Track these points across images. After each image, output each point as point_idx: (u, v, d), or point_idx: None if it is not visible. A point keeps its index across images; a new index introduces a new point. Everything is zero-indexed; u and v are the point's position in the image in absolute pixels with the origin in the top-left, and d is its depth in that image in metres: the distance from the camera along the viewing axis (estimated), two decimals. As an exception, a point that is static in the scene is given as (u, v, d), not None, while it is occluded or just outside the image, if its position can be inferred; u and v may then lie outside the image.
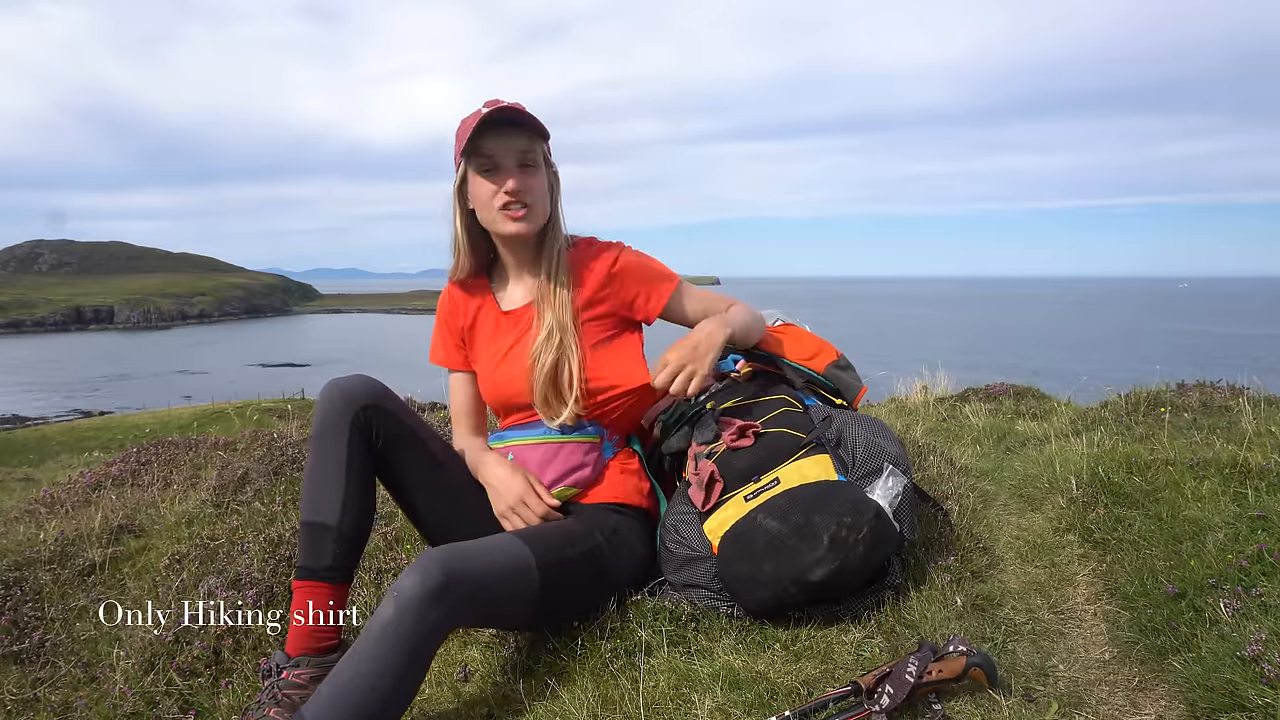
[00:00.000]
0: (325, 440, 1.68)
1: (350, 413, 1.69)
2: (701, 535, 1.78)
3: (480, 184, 1.81)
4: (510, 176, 1.79)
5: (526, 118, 1.77)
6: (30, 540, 2.79)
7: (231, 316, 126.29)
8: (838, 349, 2.19)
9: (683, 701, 1.47)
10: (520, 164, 1.80)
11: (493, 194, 1.80)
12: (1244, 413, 3.01)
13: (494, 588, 1.51)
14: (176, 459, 4.00)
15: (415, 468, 1.79)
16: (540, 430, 1.87)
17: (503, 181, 1.79)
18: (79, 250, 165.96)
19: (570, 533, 1.70)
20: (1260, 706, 1.33)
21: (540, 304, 1.88)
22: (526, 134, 1.79)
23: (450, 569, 1.42)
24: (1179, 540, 1.95)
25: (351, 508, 1.66)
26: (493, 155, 1.79)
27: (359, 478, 1.68)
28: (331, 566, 1.65)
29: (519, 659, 1.75)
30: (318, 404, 1.72)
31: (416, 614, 1.38)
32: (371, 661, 1.35)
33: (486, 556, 1.52)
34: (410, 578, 1.41)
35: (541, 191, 1.84)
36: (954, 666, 1.44)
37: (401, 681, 1.38)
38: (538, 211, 1.84)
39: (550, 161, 1.89)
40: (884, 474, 1.79)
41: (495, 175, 1.80)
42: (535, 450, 1.86)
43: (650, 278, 1.93)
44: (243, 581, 2.11)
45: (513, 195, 1.79)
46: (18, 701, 1.99)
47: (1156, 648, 1.65)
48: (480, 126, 1.75)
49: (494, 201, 1.81)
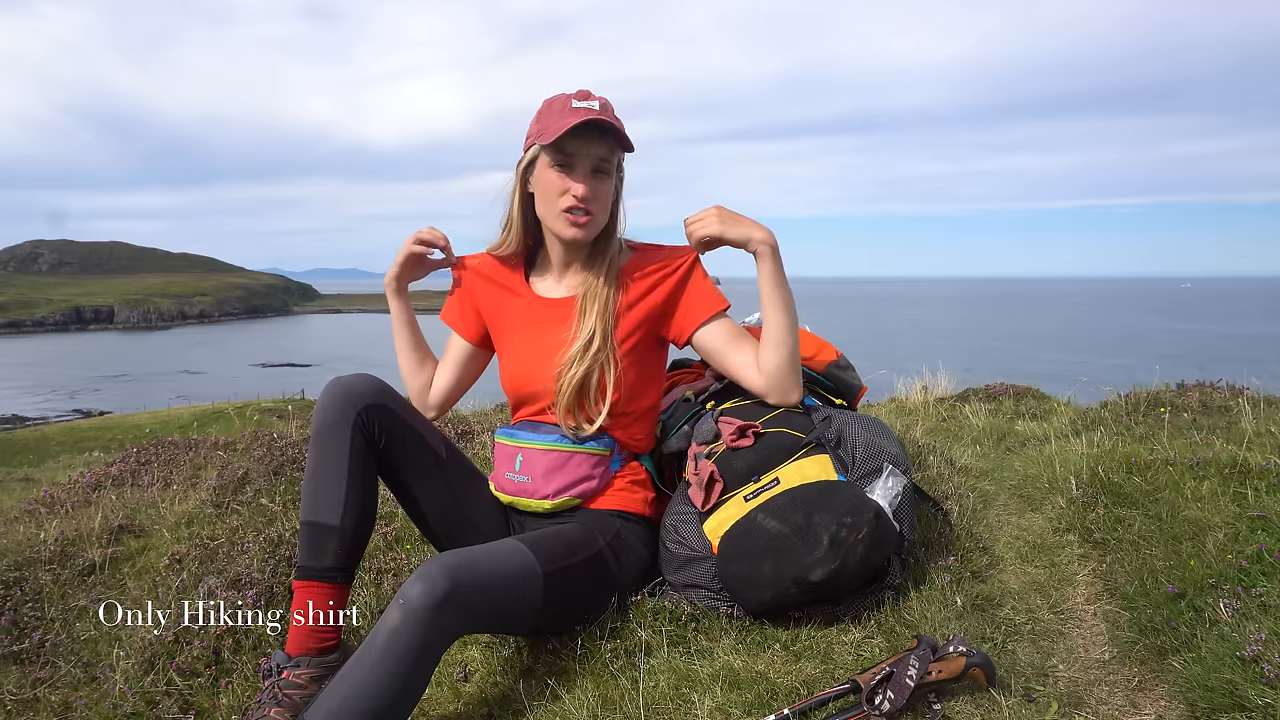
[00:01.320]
0: (327, 439, 1.67)
1: (353, 412, 1.68)
2: (701, 535, 1.78)
3: (549, 176, 1.77)
4: (582, 181, 1.75)
5: (617, 131, 1.74)
6: (30, 540, 2.79)
7: (231, 316, 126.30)
8: (837, 349, 2.19)
9: (683, 701, 1.48)
10: (595, 169, 1.77)
11: (559, 192, 1.76)
12: (1244, 413, 3.00)
13: (499, 596, 1.51)
14: (176, 459, 4.00)
15: (418, 467, 1.79)
16: (552, 437, 1.83)
17: (573, 183, 1.75)
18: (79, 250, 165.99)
19: (573, 539, 1.70)
20: (1260, 706, 1.33)
21: (583, 306, 1.83)
22: (610, 143, 1.77)
23: (456, 578, 1.41)
24: (1179, 540, 1.95)
25: (353, 508, 1.66)
26: (572, 155, 1.75)
27: (361, 478, 1.68)
28: (333, 567, 1.64)
29: (519, 659, 1.75)
30: (319, 402, 1.71)
31: (422, 623, 1.37)
32: (376, 669, 1.35)
33: (491, 564, 1.51)
34: (416, 586, 1.39)
35: (607, 200, 1.81)
36: (953, 667, 1.44)
37: (406, 689, 1.37)
38: (599, 220, 1.81)
39: (621, 168, 1.86)
40: (884, 474, 1.79)
41: (568, 173, 1.76)
42: (544, 456, 1.83)
43: (696, 296, 1.86)
44: (243, 581, 2.11)
45: (580, 200, 1.76)
46: (18, 701, 1.99)
47: (1156, 648, 1.65)
48: (571, 129, 1.70)
49: (559, 201, 1.77)
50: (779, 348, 1.82)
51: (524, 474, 1.84)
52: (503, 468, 1.88)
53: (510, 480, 1.86)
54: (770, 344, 1.83)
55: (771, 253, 1.83)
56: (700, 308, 1.86)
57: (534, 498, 1.82)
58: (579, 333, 1.81)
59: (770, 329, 1.83)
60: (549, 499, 1.81)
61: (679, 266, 1.87)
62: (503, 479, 1.88)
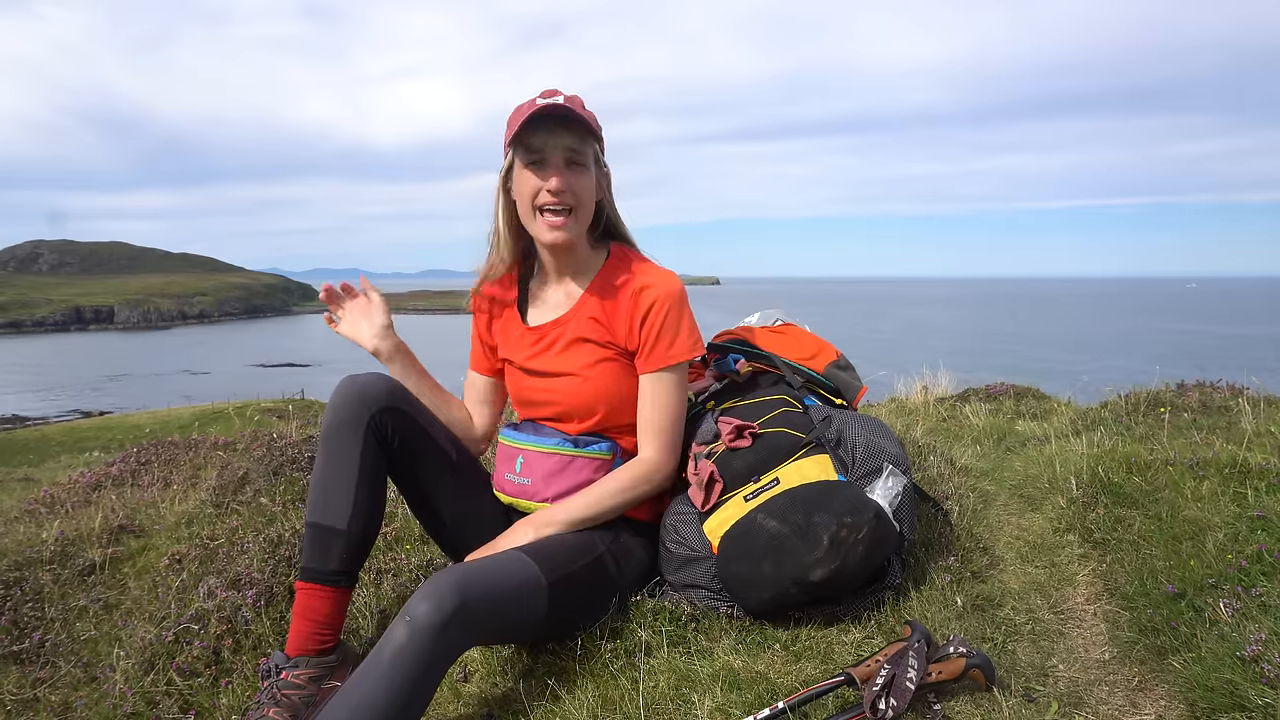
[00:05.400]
0: (339, 441, 1.66)
1: (367, 415, 1.67)
2: (701, 535, 1.78)
3: (525, 177, 1.73)
4: (555, 174, 1.70)
5: (575, 115, 1.68)
6: (30, 540, 2.79)
7: (231, 316, 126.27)
8: (837, 349, 2.19)
9: (683, 701, 1.47)
10: (568, 161, 1.72)
11: (535, 190, 1.72)
12: (1244, 413, 3.00)
13: (505, 609, 1.50)
14: (176, 459, 4.00)
15: (429, 470, 1.79)
16: (554, 440, 1.82)
17: (547, 178, 1.71)
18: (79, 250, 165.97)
19: (572, 544, 1.69)
20: (1260, 706, 1.33)
21: (574, 321, 1.82)
22: (577, 131, 1.72)
23: (464, 594, 1.40)
24: (1179, 540, 1.95)
25: (362, 512, 1.65)
26: (541, 150, 1.71)
27: (370, 482, 1.67)
28: (338, 571, 1.64)
29: (519, 659, 1.75)
30: (332, 401, 1.69)
31: (430, 640, 1.36)
32: (382, 684, 1.34)
33: (497, 579, 1.50)
34: (425, 604, 1.37)
35: (586, 194, 1.75)
36: (953, 668, 1.44)
37: (411, 704, 1.36)
38: (581, 215, 1.76)
39: (602, 162, 1.81)
40: (884, 474, 1.78)
41: (540, 169, 1.72)
42: (546, 459, 1.82)
43: (658, 342, 1.78)
44: (243, 581, 2.11)
45: (555, 195, 1.71)
46: (18, 701, 1.99)
47: (1156, 648, 1.65)
48: (529, 121, 1.67)
49: (535, 200, 1.73)
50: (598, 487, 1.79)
51: (525, 476, 1.83)
52: (503, 468, 1.87)
53: (510, 481, 1.85)
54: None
55: (534, 530, 1.72)
56: (658, 357, 1.79)
57: (534, 500, 1.82)
58: (570, 347, 1.81)
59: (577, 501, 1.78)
60: (549, 502, 1.80)
61: (664, 293, 1.79)
62: (503, 480, 1.87)
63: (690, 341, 1.81)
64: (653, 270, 1.83)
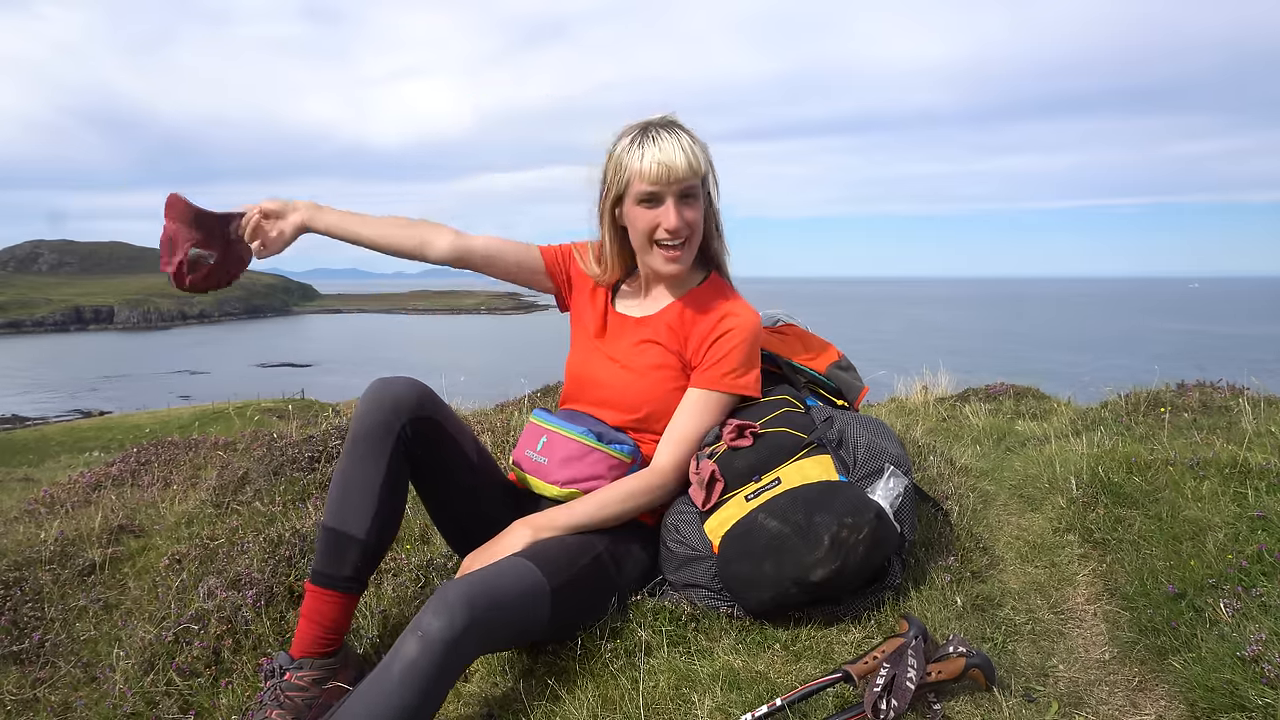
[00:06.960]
0: (368, 447, 1.65)
1: (398, 424, 1.66)
2: (702, 535, 1.78)
3: (638, 212, 1.80)
4: (671, 211, 1.77)
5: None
6: (30, 540, 2.79)
7: (231, 316, 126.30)
8: (839, 349, 2.19)
9: (683, 701, 1.48)
10: (681, 195, 1.78)
11: (651, 227, 1.80)
12: (1244, 413, 3.00)
13: (512, 618, 1.51)
14: (176, 459, 4.00)
15: (451, 475, 1.80)
16: (583, 429, 1.84)
17: (663, 216, 1.78)
18: (79, 250, 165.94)
19: (573, 547, 1.69)
20: (1260, 706, 1.33)
21: (654, 325, 1.90)
22: (691, 165, 1.77)
23: (474, 607, 1.40)
24: (1179, 540, 1.95)
25: (381, 523, 1.65)
26: (655, 188, 1.77)
27: (393, 493, 1.67)
28: (351, 578, 1.64)
29: (519, 659, 1.75)
30: (362, 405, 1.68)
31: (441, 655, 1.36)
32: (392, 699, 1.33)
33: (505, 589, 1.50)
34: (436, 620, 1.37)
35: (698, 225, 1.83)
36: (953, 668, 1.44)
37: (420, 717, 1.36)
38: (694, 244, 1.84)
39: (710, 191, 1.87)
40: (885, 474, 1.78)
41: (655, 206, 1.79)
42: (567, 444, 1.84)
43: (721, 364, 1.85)
44: (243, 581, 2.11)
45: (672, 233, 1.79)
46: (18, 701, 1.99)
47: (1156, 648, 1.65)
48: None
49: (652, 235, 1.81)
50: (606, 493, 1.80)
51: (543, 455, 1.85)
52: (526, 445, 1.90)
53: (529, 458, 1.88)
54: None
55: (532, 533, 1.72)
56: (711, 377, 1.86)
57: (546, 480, 1.84)
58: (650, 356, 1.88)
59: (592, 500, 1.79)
60: (558, 485, 1.82)
61: (738, 326, 1.86)
62: (522, 454, 1.90)
63: (752, 381, 1.89)
64: (742, 303, 1.92)
